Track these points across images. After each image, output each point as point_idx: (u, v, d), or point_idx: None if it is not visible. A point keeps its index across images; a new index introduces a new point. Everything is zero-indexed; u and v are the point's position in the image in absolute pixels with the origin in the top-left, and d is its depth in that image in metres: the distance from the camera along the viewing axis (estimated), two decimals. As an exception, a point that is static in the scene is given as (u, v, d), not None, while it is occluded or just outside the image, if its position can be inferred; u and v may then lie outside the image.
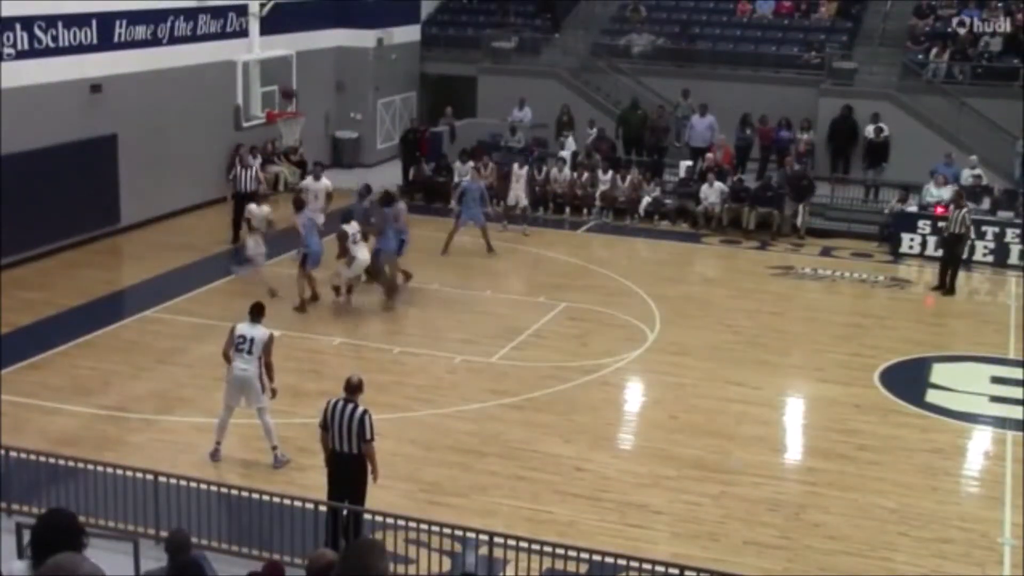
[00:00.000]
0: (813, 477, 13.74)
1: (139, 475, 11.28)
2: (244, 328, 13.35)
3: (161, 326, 18.17)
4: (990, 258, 23.31)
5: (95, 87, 22.17)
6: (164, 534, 10.09)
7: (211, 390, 15.63)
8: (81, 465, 11.56)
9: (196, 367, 16.53)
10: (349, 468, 11.27)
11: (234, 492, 11.36)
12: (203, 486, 11.27)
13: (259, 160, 27.06)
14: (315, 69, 27.87)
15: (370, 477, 11.32)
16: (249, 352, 13.19)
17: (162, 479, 11.20)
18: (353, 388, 11.47)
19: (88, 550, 6.51)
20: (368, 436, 11.19)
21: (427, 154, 28.20)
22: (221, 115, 23.29)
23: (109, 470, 11.42)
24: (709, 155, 26.66)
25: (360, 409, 11.25)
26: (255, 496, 11.27)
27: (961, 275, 23.11)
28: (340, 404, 11.29)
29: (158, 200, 24.10)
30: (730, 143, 27.68)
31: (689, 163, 27.02)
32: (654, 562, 10.16)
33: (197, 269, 21.09)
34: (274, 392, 13.48)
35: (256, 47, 23.32)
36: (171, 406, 15.07)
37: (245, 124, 23.09)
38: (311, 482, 12.67)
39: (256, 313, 13.48)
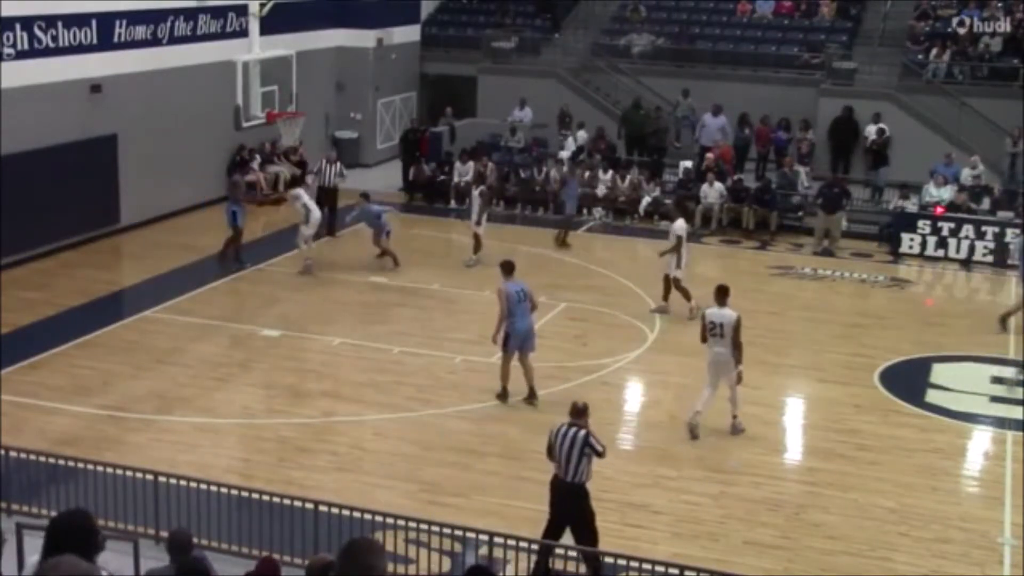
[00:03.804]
0: (813, 477, 13.74)
1: (139, 475, 11.28)
2: (712, 313, 14.51)
3: (161, 326, 18.16)
4: (990, 258, 23.30)
5: (95, 87, 22.18)
6: (164, 534, 10.09)
7: (211, 390, 15.68)
8: (81, 465, 11.56)
9: (196, 367, 16.53)
10: (572, 499, 10.99)
11: (233, 492, 11.35)
12: (203, 486, 11.27)
13: (258, 161, 27.10)
14: (315, 69, 27.86)
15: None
16: (721, 335, 14.31)
17: (162, 479, 11.19)
18: (579, 412, 11.19)
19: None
20: (599, 451, 10.97)
21: (427, 154, 28.19)
22: (221, 115, 23.29)
23: (109, 470, 11.42)
24: (709, 155, 26.65)
25: (583, 432, 10.97)
26: (255, 496, 11.26)
27: (961, 275, 23.18)
28: (564, 429, 11.05)
29: (158, 200, 24.10)
30: (728, 143, 27.71)
31: (688, 163, 27.00)
32: (654, 562, 10.15)
33: (197, 269, 21.08)
34: (740, 376, 14.52)
35: (256, 47, 23.31)
36: (171, 406, 15.06)
37: (245, 124, 23.10)
38: (311, 482, 12.69)
39: (721, 296, 14.58)
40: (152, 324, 18.19)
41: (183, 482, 11.26)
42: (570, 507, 11.03)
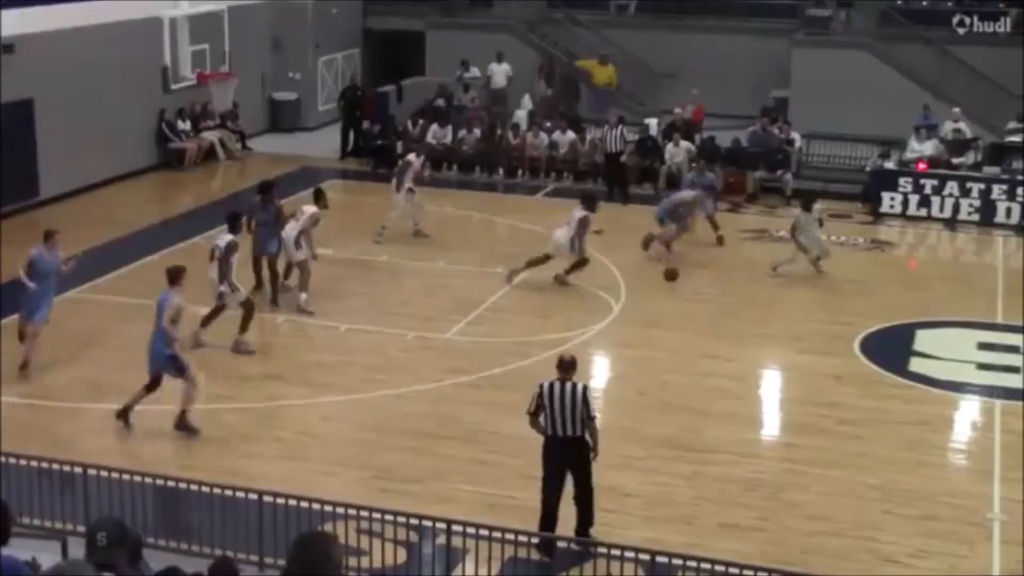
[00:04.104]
0: (792, 454, 13.86)
1: (67, 468, 11.19)
2: None
3: (87, 307, 17.99)
4: (976, 217, 23.48)
5: (7, 47, 21.79)
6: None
7: (144, 375, 15.48)
8: (2, 459, 11.43)
9: (126, 351, 16.28)
10: (576, 451, 11.27)
11: (171, 484, 11.29)
12: (137, 478, 11.20)
13: (187, 125, 26.72)
14: (249, 25, 27.62)
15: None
16: None
17: (92, 472, 11.10)
18: (568, 366, 11.44)
19: (13, 550, 6.50)
20: (592, 413, 11.24)
21: (371, 115, 27.96)
22: (147, 77, 23.05)
23: (33, 463, 11.31)
24: (677, 110, 26.61)
25: (580, 386, 11.26)
26: (194, 488, 11.20)
27: (945, 235, 23.38)
28: (557, 385, 11.23)
29: (80, 171, 23.82)
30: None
31: (653, 120, 26.98)
32: (624, 547, 10.21)
33: (125, 245, 20.89)
34: None
35: (184, 2, 23.08)
36: (100, 393, 14.91)
37: (174, 86, 22.92)
38: (256, 472, 12.64)
39: None
40: (77, 305, 17.99)
41: (115, 474, 11.17)
42: (576, 460, 11.25)
